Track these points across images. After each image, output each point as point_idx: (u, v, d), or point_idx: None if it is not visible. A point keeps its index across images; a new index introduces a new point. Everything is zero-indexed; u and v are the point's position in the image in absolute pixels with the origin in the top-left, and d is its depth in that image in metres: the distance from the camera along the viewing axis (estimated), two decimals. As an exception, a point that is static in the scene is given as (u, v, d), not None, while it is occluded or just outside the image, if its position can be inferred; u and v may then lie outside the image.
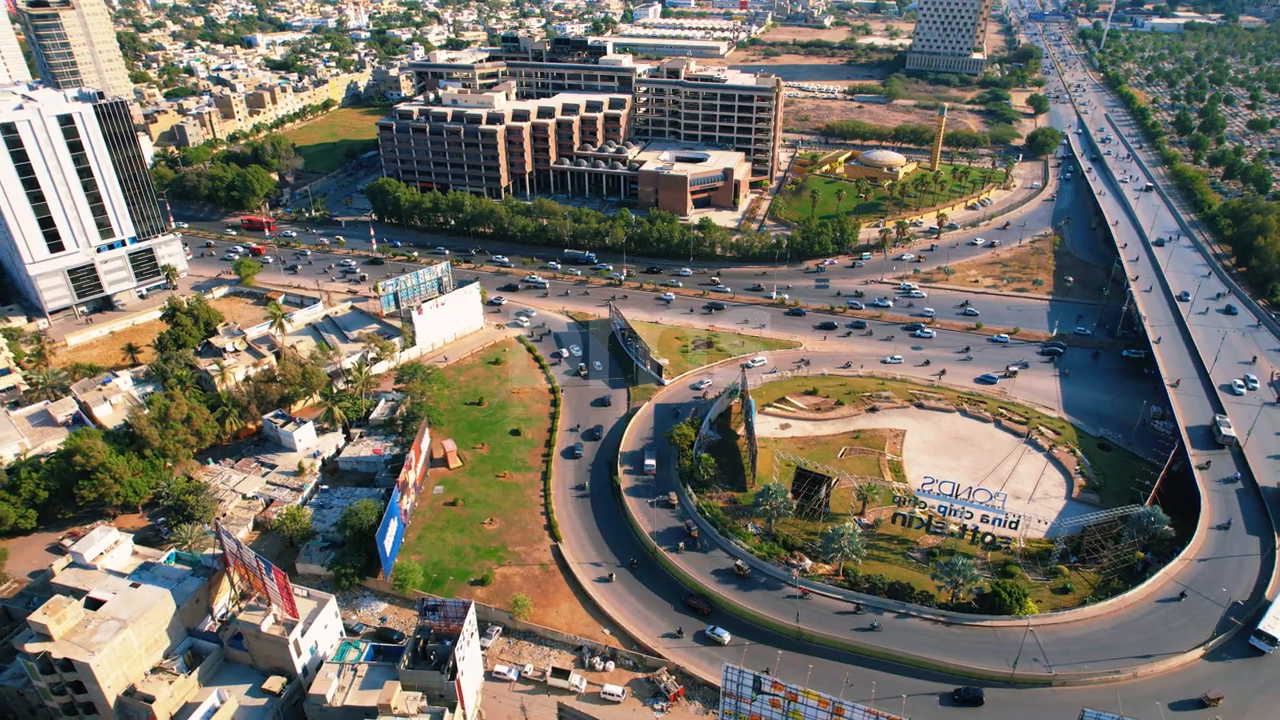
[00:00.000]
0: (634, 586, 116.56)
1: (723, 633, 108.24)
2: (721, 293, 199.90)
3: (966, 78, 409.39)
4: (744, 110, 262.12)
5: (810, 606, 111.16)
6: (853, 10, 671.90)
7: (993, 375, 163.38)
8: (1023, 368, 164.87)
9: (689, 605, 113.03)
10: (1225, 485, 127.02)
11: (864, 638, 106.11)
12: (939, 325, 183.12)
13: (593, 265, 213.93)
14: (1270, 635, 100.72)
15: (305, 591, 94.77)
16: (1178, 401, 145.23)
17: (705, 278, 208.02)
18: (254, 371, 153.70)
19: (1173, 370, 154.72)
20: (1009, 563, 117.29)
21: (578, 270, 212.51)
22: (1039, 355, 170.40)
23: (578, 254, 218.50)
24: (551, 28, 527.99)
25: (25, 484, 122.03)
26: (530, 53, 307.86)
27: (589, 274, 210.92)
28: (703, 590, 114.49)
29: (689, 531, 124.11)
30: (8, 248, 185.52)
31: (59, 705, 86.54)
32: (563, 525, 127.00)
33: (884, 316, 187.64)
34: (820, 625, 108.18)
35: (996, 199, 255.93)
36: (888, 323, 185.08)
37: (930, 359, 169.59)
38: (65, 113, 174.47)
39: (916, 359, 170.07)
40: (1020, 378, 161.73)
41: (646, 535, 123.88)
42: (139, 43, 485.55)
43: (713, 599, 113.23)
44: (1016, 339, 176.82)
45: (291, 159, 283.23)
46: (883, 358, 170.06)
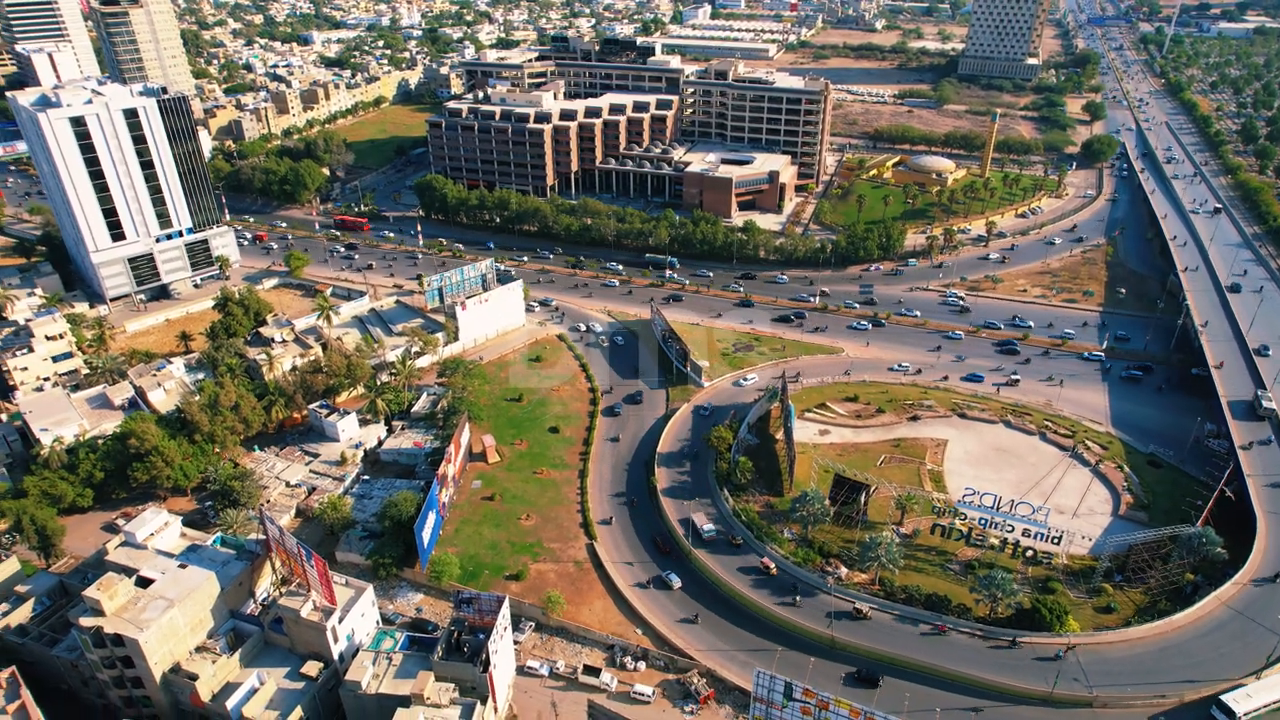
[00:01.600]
0: (668, 589, 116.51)
1: (674, 578, 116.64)
2: (762, 294, 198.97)
3: (1020, 83, 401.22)
4: (791, 113, 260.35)
5: (851, 616, 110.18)
6: (905, 14, 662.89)
7: (979, 374, 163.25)
8: (1058, 383, 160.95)
9: (656, 545, 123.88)
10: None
11: (898, 649, 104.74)
12: (982, 335, 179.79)
13: (673, 269, 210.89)
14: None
15: (344, 579, 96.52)
16: (1234, 420, 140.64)
17: (753, 283, 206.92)
18: (301, 362, 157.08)
19: (1230, 388, 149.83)
20: (1050, 579, 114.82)
21: (621, 270, 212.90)
22: (1079, 365, 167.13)
23: (658, 258, 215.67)
24: (601, 28, 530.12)
25: (83, 464, 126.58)
26: (579, 53, 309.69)
27: (633, 274, 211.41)
28: (735, 594, 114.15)
29: (731, 540, 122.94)
30: (74, 236, 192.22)
31: (109, 678, 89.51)
32: (598, 524, 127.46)
33: (929, 324, 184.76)
34: (854, 635, 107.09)
35: (1048, 207, 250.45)
36: (932, 330, 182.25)
37: (946, 365, 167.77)
38: (131, 107, 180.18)
39: (930, 363, 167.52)
40: (1067, 390, 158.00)
41: (681, 537, 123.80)
42: (201, 40, 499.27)
43: (744, 602, 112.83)
44: (1063, 350, 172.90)
45: (343, 154, 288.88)
46: (890, 365, 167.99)
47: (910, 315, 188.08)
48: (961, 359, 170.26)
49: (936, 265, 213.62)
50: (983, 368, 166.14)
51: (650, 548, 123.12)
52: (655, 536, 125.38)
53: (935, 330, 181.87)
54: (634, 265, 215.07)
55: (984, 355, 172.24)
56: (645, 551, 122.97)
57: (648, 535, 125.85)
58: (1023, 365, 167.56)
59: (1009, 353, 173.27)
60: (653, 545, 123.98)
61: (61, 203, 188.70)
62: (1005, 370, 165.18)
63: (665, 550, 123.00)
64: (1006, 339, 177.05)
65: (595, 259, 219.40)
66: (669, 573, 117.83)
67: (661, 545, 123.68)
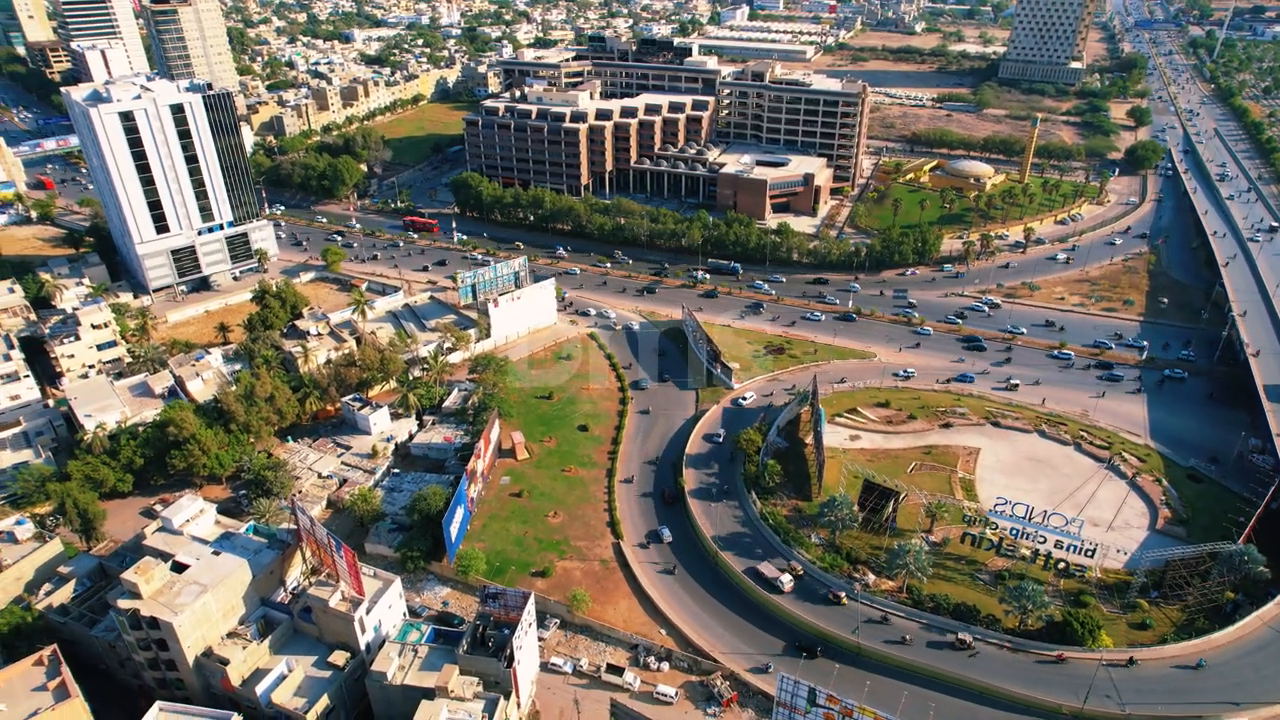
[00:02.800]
0: (693, 589, 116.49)
1: (666, 532, 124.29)
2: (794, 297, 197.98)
3: (1063, 87, 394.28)
4: (828, 115, 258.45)
5: (871, 620, 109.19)
6: (945, 16, 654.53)
7: (969, 374, 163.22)
8: (1100, 394, 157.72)
9: (663, 496, 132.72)
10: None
11: (925, 658, 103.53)
12: (1020, 342, 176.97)
13: (736, 276, 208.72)
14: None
15: (372, 571, 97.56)
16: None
17: (792, 285, 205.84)
18: (335, 355, 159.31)
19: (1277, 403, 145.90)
20: (1083, 592, 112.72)
21: (663, 269, 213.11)
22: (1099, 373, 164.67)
23: (722, 263, 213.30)
24: (638, 28, 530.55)
25: (124, 450, 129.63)
26: (616, 53, 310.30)
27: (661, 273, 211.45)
28: (762, 600, 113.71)
29: (795, 573, 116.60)
30: (121, 228, 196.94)
31: (145, 660, 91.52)
32: (625, 523, 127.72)
33: (963, 330, 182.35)
34: (879, 641, 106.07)
35: (1088, 214, 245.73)
36: (962, 336, 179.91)
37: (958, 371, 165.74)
38: (177, 103, 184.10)
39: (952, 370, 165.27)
40: (1105, 400, 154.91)
41: (709, 538, 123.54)
42: (246, 38, 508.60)
43: (772, 609, 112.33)
44: (1086, 359, 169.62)
45: (380, 151, 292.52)
46: (895, 370, 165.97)
47: (952, 322, 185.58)
48: (1002, 365, 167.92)
49: (1004, 266, 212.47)
50: (990, 372, 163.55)
51: (727, 609, 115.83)
52: (663, 490, 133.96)
53: (968, 335, 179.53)
54: (672, 264, 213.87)
55: (993, 359, 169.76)
56: (671, 552, 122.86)
57: (676, 536, 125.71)
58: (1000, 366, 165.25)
59: (976, 349, 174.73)
60: (660, 499, 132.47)
61: (109, 195, 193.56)
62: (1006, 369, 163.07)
63: (669, 500, 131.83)
64: (968, 337, 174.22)
65: (641, 259, 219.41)
66: (663, 527, 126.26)
67: (668, 497, 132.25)
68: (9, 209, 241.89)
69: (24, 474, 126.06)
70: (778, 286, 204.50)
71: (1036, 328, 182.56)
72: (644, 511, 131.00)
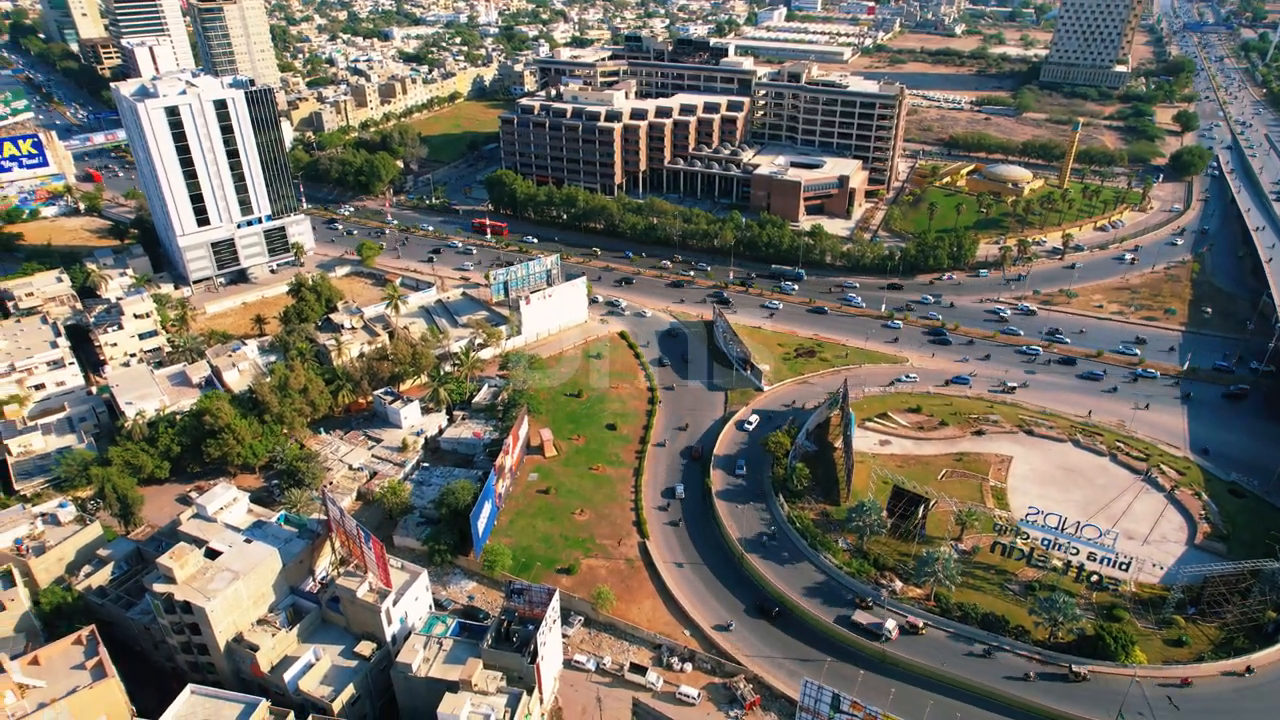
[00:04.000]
0: (719, 591, 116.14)
1: (681, 489, 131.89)
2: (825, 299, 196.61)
3: (1106, 91, 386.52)
4: (864, 117, 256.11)
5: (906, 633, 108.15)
6: (986, 18, 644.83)
7: (965, 376, 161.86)
8: (1143, 406, 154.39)
9: (691, 453, 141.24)
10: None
11: (951, 667, 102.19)
12: (1056, 350, 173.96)
13: (800, 281, 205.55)
14: None
15: (400, 563, 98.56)
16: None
17: (820, 286, 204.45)
18: (368, 349, 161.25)
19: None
20: (1116, 606, 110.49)
21: (693, 271, 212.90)
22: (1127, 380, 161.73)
23: (784, 269, 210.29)
24: (675, 28, 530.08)
25: (162, 438, 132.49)
26: (652, 52, 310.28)
27: (696, 274, 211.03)
28: (786, 600, 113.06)
29: (911, 625, 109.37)
30: (164, 221, 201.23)
31: (178, 644, 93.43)
32: (651, 523, 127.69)
33: (997, 337, 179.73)
34: (905, 649, 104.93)
35: (1130, 221, 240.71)
36: (1001, 344, 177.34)
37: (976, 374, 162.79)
38: (220, 98, 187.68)
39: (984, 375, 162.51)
40: (1145, 412, 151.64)
41: (734, 540, 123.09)
42: (289, 35, 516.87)
43: (791, 607, 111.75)
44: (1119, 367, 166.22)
45: (417, 148, 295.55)
46: (897, 377, 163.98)
47: (985, 328, 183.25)
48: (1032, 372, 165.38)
49: (1070, 267, 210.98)
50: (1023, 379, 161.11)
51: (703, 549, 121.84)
52: (691, 446, 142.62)
53: (1006, 343, 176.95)
54: (771, 277, 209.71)
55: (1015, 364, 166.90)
56: (697, 552, 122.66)
57: (701, 537, 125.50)
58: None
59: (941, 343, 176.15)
60: (689, 457, 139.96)
61: (154, 188, 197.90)
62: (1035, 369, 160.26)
63: (697, 456, 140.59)
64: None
65: (676, 259, 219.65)
66: (680, 485, 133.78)
67: (696, 453, 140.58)
68: (59, 201, 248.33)
69: (67, 458, 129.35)
70: (819, 289, 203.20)
71: (1048, 335, 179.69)
72: (671, 512, 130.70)
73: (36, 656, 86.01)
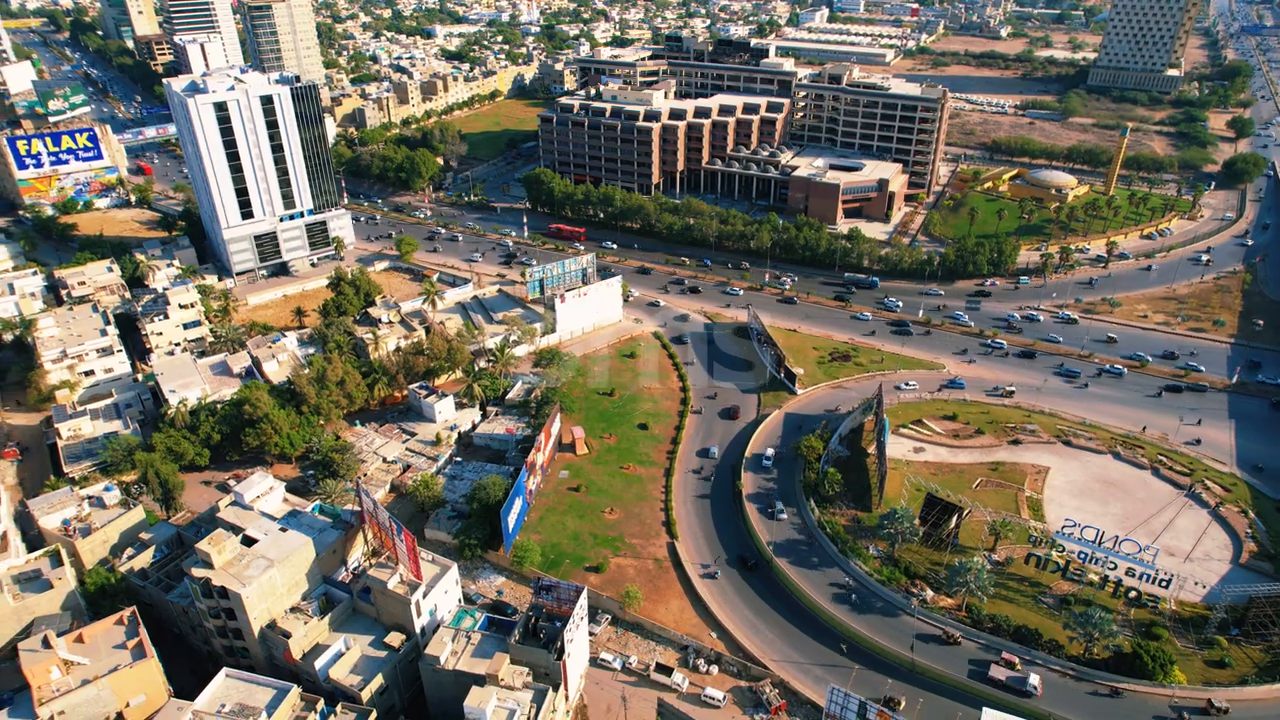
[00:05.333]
0: (746, 594, 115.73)
1: (715, 450, 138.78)
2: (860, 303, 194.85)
3: (1157, 96, 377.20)
4: (905, 120, 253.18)
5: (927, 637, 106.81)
6: (1033, 21, 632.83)
7: (960, 380, 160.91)
8: (1195, 421, 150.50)
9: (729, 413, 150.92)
10: None
11: (982, 680, 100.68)
12: (1097, 360, 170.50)
13: (872, 289, 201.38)
14: None
15: (430, 556, 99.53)
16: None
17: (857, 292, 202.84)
18: (404, 343, 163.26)
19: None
20: (1155, 623, 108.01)
21: (734, 272, 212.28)
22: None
23: (857, 277, 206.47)
24: (715, 28, 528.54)
25: (203, 426, 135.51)
26: (692, 53, 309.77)
27: (734, 276, 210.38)
28: (817, 608, 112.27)
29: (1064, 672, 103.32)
30: (210, 213, 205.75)
31: (214, 627, 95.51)
32: (681, 523, 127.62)
33: (1037, 345, 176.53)
34: (934, 659, 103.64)
35: (1178, 229, 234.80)
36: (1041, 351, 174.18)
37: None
38: (267, 94, 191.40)
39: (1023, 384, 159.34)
40: (1189, 425, 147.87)
41: (764, 543, 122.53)
42: (334, 32, 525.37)
43: (823, 616, 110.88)
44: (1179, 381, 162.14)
45: (456, 145, 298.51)
46: (897, 385, 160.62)
47: (1029, 337, 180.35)
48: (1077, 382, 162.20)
49: (1146, 269, 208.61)
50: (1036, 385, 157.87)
51: (780, 616, 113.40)
52: (728, 407, 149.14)
53: (1049, 352, 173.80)
54: (845, 284, 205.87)
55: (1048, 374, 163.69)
56: (726, 556, 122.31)
57: (730, 539, 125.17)
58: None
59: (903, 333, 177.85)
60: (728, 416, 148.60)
61: (201, 181, 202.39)
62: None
63: (736, 417, 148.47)
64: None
65: (715, 260, 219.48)
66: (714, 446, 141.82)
67: (734, 414, 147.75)
68: (111, 193, 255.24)
69: (113, 443, 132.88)
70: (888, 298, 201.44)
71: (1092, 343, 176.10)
72: (700, 512, 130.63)
73: (81, 634, 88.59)
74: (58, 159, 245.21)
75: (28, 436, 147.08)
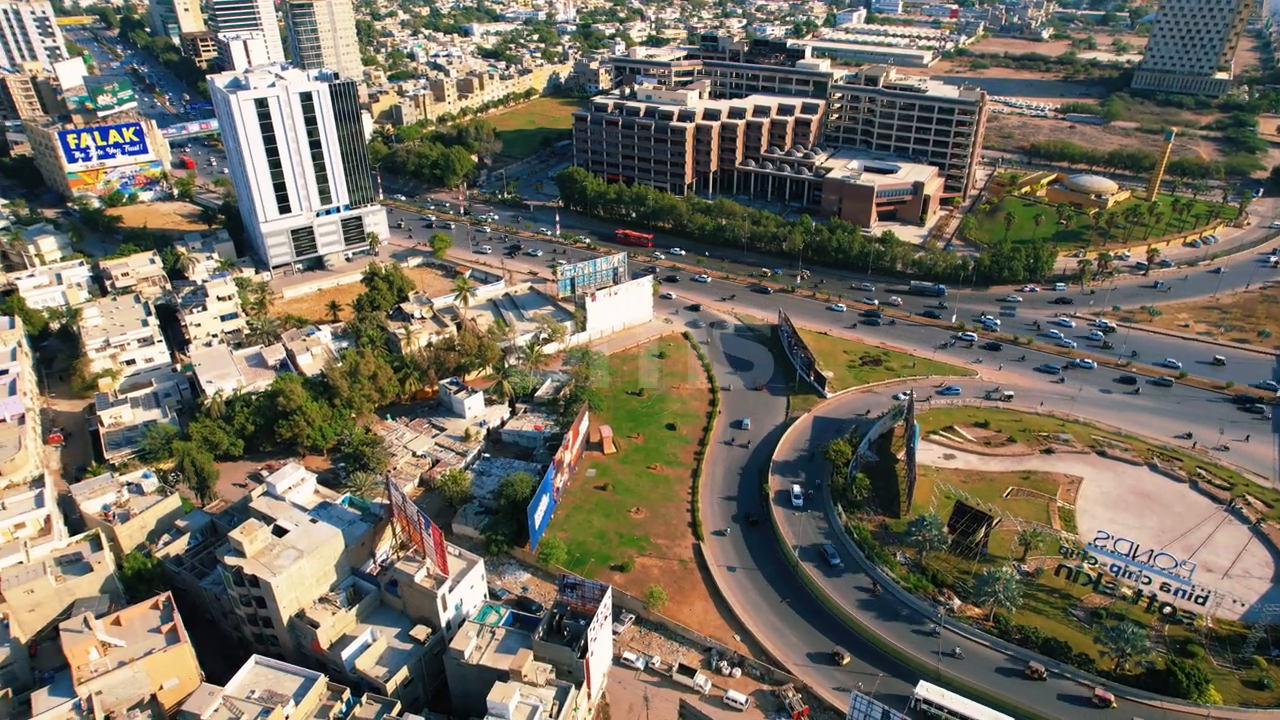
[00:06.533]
0: (771, 598, 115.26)
1: (748, 422, 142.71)
2: (893, 308, 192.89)
3: (1204, 100, 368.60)
4: (942, 123, 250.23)
5: (952, 647, 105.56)
6: (1076, 22, 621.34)
7: (954, 386, 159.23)
8: (1244, 437, 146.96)
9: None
10: None
11: (1007, 691, 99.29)
12: (1135, 369, 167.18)
13: (941, 298, 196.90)
14: None
15: (457, 551, 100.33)
16: None
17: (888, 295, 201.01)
18: (436, 339, 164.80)
19: None
20: (1190, 641, 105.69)
21: (767, 272, 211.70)
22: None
23: (925, 285, 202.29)
24: (752, 29, 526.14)
25: (238, 416, 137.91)
26: (727, 53, 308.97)
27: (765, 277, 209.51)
28: (842, 614, 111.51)
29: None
30: (248, 207, 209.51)
31: (244, 615, 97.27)
32: (706, 525, 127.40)
33: (1072, 353, 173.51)
34: (960, 669, 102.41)
35: (1223, 237, 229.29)
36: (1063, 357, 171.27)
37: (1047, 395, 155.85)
38: (306, 91, 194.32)
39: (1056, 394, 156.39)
40: (1230, 439, 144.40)
41: (790, 547, 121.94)
42: (373, 30, 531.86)
43: (847, 621, 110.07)
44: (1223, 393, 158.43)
45: (491, 143, 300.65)
46: (895, 394, 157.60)
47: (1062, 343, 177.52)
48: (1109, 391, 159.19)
49: (1215, 271, 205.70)
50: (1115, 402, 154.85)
51: (806, 621, 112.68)
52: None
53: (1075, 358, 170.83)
54: (910, 294, 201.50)
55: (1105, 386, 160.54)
56: (750, 557, 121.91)
57: (756, 542, 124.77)
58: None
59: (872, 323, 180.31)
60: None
61: (240, 175, 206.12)
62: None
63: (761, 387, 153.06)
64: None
65: (741, 261, 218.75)
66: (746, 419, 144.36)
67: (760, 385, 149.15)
68: (155, 186, 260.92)
69: (152, 431, 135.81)
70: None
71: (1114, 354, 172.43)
72: (727, 515, 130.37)
73: (119, 617, 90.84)
74: (105, 153, 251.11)
75: (71, 423, 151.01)
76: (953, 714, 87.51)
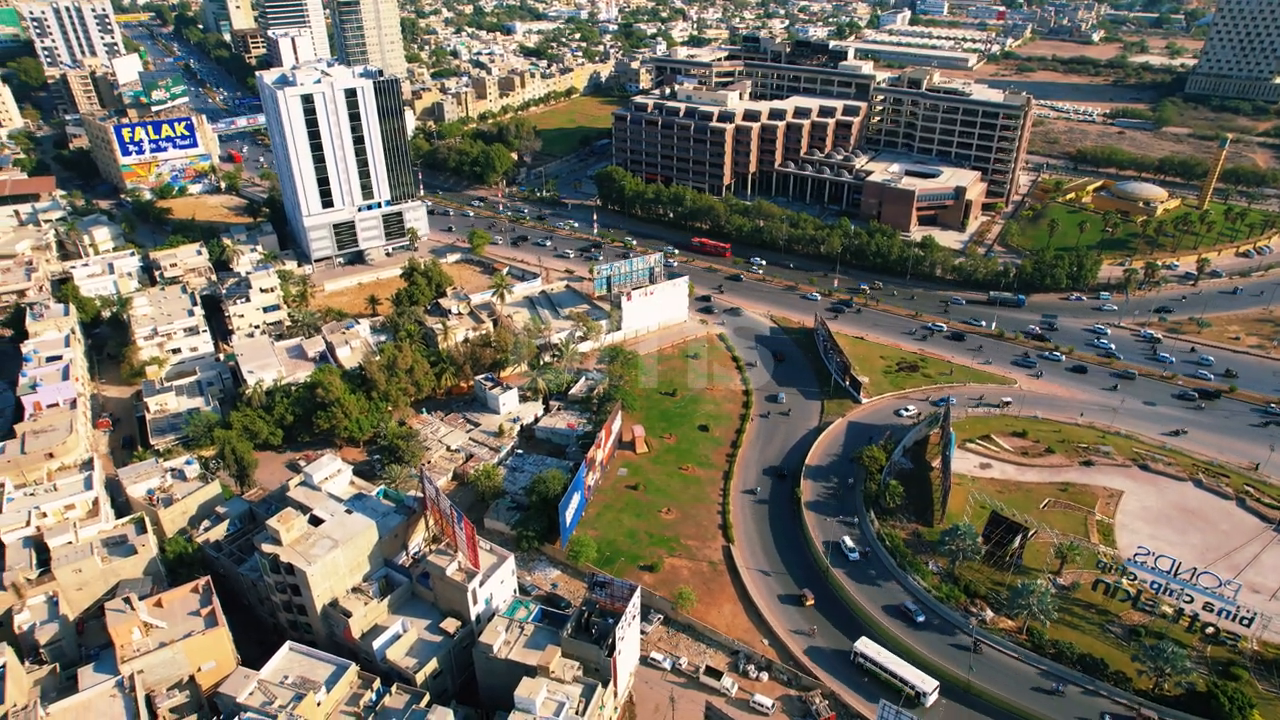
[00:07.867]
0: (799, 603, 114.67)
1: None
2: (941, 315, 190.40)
3: (1262, 105, 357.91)
4: (986, 127, 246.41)
5: (984, 660, 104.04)
6: (1128, 25, 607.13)
7: (945, 398, 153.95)
8: None
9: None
10: None
11: (1039, 706, 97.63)
12: (1180, 381, 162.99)
13: (1019, 307, 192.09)
14: None
15: (489, 546, 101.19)
16: None
17: (928, 300, 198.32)
18: (472, 335, 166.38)
19: None
20: (1234, 663, 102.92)
21: (797, 271, 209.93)
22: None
23: (1003, 295, 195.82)
24: (794, 29, 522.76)
25: (278, 406, 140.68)
26: (769, 54, 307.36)
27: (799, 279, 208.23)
28: (868, 619, 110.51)
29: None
30: (292, 201, 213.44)
31: (280, 602, 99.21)
32: (737, 528, 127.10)
33: (1115, 364, 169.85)
34: (991, 681, 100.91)
35: (1278, 247, 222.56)
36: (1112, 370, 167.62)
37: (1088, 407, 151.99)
38: (351, 87, 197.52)
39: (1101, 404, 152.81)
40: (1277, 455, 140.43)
41: (820, 553, 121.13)
42: (417, 28, 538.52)
43: (874, 627, 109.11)
44: None
45: (531, 141, 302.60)
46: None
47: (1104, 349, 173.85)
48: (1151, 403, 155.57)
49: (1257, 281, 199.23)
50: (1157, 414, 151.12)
51: (833, 626, 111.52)
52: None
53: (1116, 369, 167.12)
54: (990, 304, 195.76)
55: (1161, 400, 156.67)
56: (780, 561, 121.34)
57: (786, 546, 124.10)
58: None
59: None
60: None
61: (285, 169, 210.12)
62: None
63: (780, 358, 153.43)
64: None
65: (780, 265, 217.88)
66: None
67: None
68: (204, 179, 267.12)
69: (195, 419, 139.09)
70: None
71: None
72: (758, 518, 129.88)
73: (160, 599, 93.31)
74: (157, 146, 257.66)
75: (120, 408, 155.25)
76: (882, 668, 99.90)
